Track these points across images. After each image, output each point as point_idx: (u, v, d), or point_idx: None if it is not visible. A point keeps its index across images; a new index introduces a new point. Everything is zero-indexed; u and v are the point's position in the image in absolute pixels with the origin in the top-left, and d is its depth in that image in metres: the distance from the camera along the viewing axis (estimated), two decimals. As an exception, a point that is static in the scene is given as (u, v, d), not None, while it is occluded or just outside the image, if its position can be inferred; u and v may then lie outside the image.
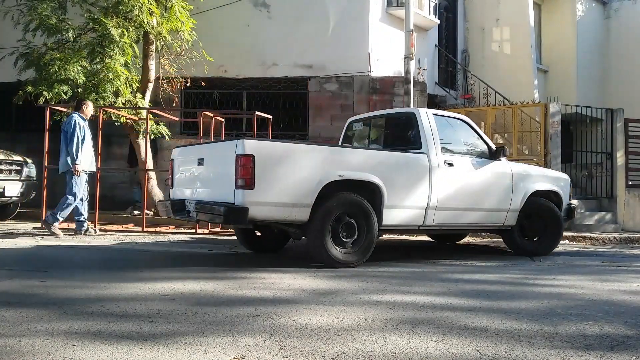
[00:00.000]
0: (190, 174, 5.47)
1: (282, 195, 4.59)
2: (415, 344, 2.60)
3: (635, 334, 2.90)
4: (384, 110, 7.78)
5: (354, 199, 4.90)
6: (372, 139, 6.64)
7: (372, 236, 4.98)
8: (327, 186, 4.72)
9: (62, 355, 2.32)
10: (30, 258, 5.07)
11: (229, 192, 4.51)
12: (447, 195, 5.46)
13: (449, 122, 5.95)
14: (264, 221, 4.75)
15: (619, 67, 14.82)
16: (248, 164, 4.40)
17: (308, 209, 4.66)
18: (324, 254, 4.78)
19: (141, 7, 7.64)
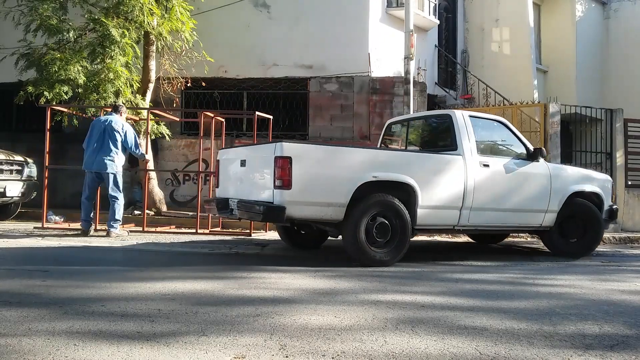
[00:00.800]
0: (233, 174, 5.77)
1: (318, 195, 4.79)
2: (415, 343, 2.61)
3: (634, 333, 2.91)
4: (421, 112, 8.04)
5: (387, 200, 5.03)
6: (410, 141, 6.73)
7: (405, 236, 5.10)
8: (361, 187, 4.87)
9: (63, 354, 2.33)
10: (30, 258, 5.08)
11: (268, 192, 4.78)
12: (483, 196, 5.51)
13: (485, 124, 6.02)
14: (301, 220, 5.00)
15: (618, 68, 14.83)
16: (285, 165, 4.61)
17: (343, 208, 4.84)
18: (358, 252, 4.95)
19: (142, 8, 7.65)
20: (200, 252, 5.83)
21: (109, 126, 6.68)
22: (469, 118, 5.74)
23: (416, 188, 5.12)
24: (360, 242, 4.91)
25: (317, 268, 4.84)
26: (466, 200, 5.43)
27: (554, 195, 5.97)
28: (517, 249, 7.21)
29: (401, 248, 5.12)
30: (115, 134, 6.68)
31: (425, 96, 10.34)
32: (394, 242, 5.08)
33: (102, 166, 6.65)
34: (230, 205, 5.42)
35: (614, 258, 6.57)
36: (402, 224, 5.07)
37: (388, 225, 5.04)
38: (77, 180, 9.96)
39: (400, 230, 5.07)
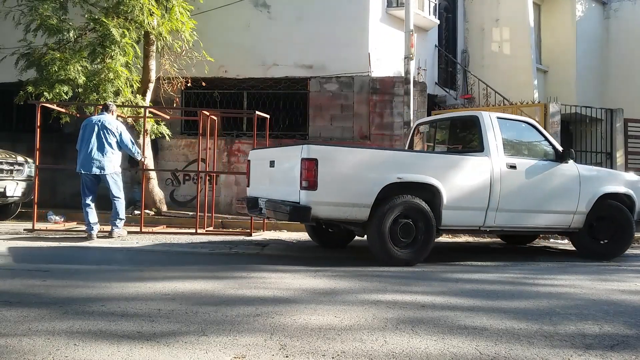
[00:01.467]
0: (263, 174, 5.92)
1: (343, 196, 4.92)
2: (415, 343, 2.61)
3: (634, 333, 2.91)
4: (449, 113, 8.11)
5: (412, 201, 5.09)
6: (438, 141, 6.76)
7: (429, 236, 5.17)
8: (386, 188, 4.96)
9: (63, 354, 2.33)
10: (31, 257, 5.08)
11: (295, 192, 4.90)
12: (509, 197, 5.51)
13: (513, 125, 6.04)
14: (326, 219, 5.15)
15: (618, 68, 14.83)
16: (312, 167, 4.76)
17: (367, 209, 4.95)
18: (383, 252, 5.04)
19: (142, 8, 7.64)
20: (200, 252, 5.83)
21: (103, 126, 6.53)
22: (496, 119, 5.75)
23: (441, 189, 5.18)
24: (385, 242, 5.00)
25: (317, 268, 4.85)
26: (492, 201, 5.45)
27: (583, 196, 5.93)
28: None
29: (425, 248, 5.19)
30: (109, 134, 6.53)
31: (426, 96, 10.33)
32: (418, 243, 5.16)
33: (101, 168, 6.50)
34: (259, 204, 5.63)
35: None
36: (427, 225, 5.14)
37: (412, 226, 5.12)
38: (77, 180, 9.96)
39: (425, 230, 5.15)
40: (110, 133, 6.53)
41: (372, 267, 5.02)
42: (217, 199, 10.08)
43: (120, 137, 6.61)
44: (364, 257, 5.98)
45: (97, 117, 6.63)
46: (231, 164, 10.17)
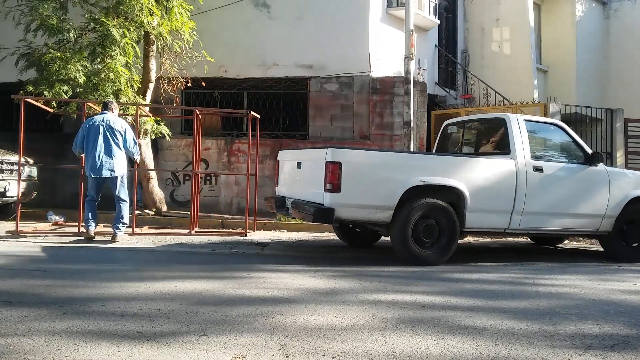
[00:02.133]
0: (290, 174, 6.10)
1: (366, 198, 5.03)
2: (415, 343, 2.61)
3: (634, 333, 2.91)
4: (477, 115, 8.11)
5: (435, 203, 5.18)
6: (466, 143, 6.79)
7: (453, 238, 5.23)
8: (409, 190, 5.06)
9: (63, 354, 2.33)
10: (31, 257, 5.08)
11: (319, 194, 5.04)
12: (535, 200, 5.52)
13: (541, 127, 6.06)
14: (349, 221, 5.33)
15: (618, 67, 14.83)
16: (336, 170, 4.89)
17: (390, 211, 5.06)
18: (406, 252, 5.14)
19: (142, 8, 7.64)
20: (200, 252, 5.83)
21: (108, 126, 6.33)
22: (524, 121, 5.76)
23: (464, 191, 5.22)
24: (408, 243, 5.09)
25: (317, 268, 4.85)
26: (517, 204, 5.46)
27: (612, 200, 5.90)
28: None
29: (448, 249, 5.24)
30: (117, 134, 6.36)
31: (426, 96, 10.33)
32: (441, 243, 5.23)
33: (112, 171, 6.35)
34: (286, 204, 5.77)
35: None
36: (450, 226, 5.21)
37: (435, 227, 5.20)
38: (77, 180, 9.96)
39: (448, 232, 5.21)
40: (117, 132, 6.38)
41: (372, 267, 5.03)
42: (217, 199, 10.09)
43: (125, 136, 6.45)
44: (364, 257, 5.98)
45: (100, 117, 6.42)
46: (231, 164, 10.16)
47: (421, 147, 9.93)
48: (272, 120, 10.56)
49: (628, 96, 13.99)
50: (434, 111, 11.45)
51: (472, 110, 11.33)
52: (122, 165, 6.44)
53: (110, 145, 6.33)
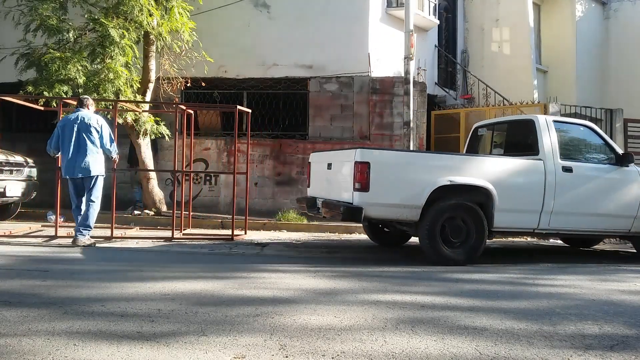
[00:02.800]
0: (321, 175, 6.21)
1: (394, 197, 5.14)
2: (415, 343, 2.61)
3: (634, 333, 2.91)
4: (506, 117, 8.25)
5: (462, 203, 5.27)
6: (495, 144, 6.87)
7: (481, 237, 5.27)
8: (437, 190, 5.14)
9: (62, 354, 2.33)
10: (31, 258, 5.07)
11: (348, 193, 5.17)
12: (564, 201, 5.55)
13: (570, 128, 6.08)
14: (377, 219, 5.50)
15: (618, 67, 14.84)
16: (364, 170, 5.01)
17: (418, 210, 5.15)
18: (433, 251, 5.23)
19: (141, 8, 7.64)
20: (200, 252, 5.83)
21: (83, 124, 5.98)
22: (552, 122, 5.79)
23: (492, 192, 5.27)
24: (435, 243, 5.18)
25: (317, 268, 4.85)
26: (546, 205, 5.49)
27: None
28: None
29: (476, 249, 5.31)
30: (92, 131, 5.98)
31: (425, 96, 10.33)
32: (469, 243, 5.30)
33: (86, 170, 5.99)
34: (317, 204, 5.88)
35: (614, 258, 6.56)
36: (478, 226, 5.27)
37: (464, 227, 5.28)
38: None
39: (476, 232, 5.27)
40: (93, 129, 6.00)
41: (372, 267, 5.03)
42: (217, 199, 10.10)
43: (101, 133, 6.07)
44: (365, 257, 5.98)
45: (75, 115, 6.07)
46: (231, 164, 10.16)
47: (421, 147, 9.93)
48: (272, 120, 10.56)
49: (628, 96, 14.00)
50: (434, 111, 11.46)
51: (472, 111, 11.35)
52: (98, 165, 6.09)
53: (85, 144, 5.98)
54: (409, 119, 9.00)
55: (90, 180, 6.07)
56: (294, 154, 10.15)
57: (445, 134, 11.18)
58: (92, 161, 6.01)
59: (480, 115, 10.98)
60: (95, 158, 6.06)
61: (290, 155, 10.16)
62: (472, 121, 11.09)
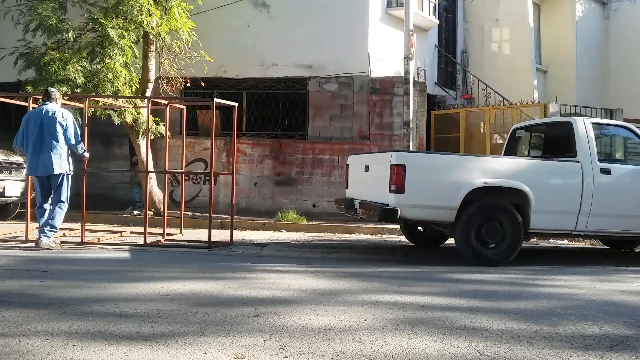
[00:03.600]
0: (358, 177, 6.31)
1: (429, 198, 5.25)
2: (415, 343, 2.61)
3: (634, 333, 2.91)
4: (544, 119, 8.30)
5: (498, 204, 5.36)
6: (533, 146, 6.90)
7: (517, 238, 5.34)
8: (472, 192, 5.22)
9: (62, 355, 2.32)
10: (30, 258, 5.07)
11: (385, 195, 5.27)
12: (602, 202, 5.53)
13: (609, 130, 6.12)
14: (413, 220, 5.59)
15: (618, 67, 14.84)
16: (400, 172, 5.13)
17: (454, 211, 5.22)
18: (469, 252, 5.29)
19: (141, 8, 7.63)
20: (200, 252, 5.82)
21: (47, 117, 5.58)
22: (590, 124, 5.79)
23: (529, 193, 5.31)
24: (471, 243, 5.25)
25: (316, 268, 4.84)
26: (584, 206, 5.50)
27: None
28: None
29: (513, 250, 5.34)
30: (57, 126, 5.58)
31: (425, 96, 10.33)
32: (505, 244, 5.33)
33: (49, 168, 5.57)
34: (354, 205, 5.98)
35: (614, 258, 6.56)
36: (514, 227, 5.32)
37: (499, 228, 5.33)
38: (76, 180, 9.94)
39: (512, 233, 5.31)
40: (58, 124, 5.59)
41: (372, 268, 5.03)
42: (216, 199, 10.08)
43: (65, 128, 5.66)
44: (365, 257, 5.98)
45: (40, 108, 5.71)
46: (230, 164, 10.15)
47: (420, 147, 9.92)
48: (272, 120, 10.56)
49: (628, 96, 13.99)
50: (434, 111, 11.45)
51: (472, 111, 11.34)
52: (63, 163, 5.67)
53: (48, 139, 5.58)
54: (409, 119, 9.00)
55: (55, 179, 5.68)
56: (294, 154, 10.15)
57: (445, 134, 11.18)
58: (55, 158, 5.59)
59: (480, 116, 10.98)
60: (59, 155, 5.62)
61: (290, 155, 10.16)
62: (472, 121, 11.11)
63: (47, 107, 5.69)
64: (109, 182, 10.52)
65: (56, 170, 5.61)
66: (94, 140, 10.41)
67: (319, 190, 10.06)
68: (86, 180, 6.47)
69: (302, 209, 9.54)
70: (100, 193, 10.28)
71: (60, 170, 5.65)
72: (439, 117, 11.39)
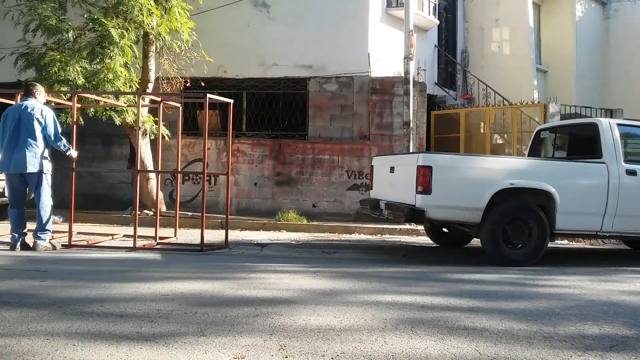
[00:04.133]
0: (384, 178, 6.37)
1: (456, 199, 5.31)
2: (415, 344, 2.61)
3: (634, 333, 2.91)
4: (569, 120, 8.31)
5: (524, 205, 5.42)
6: (557, 147, 6.94)
7: (543, 239, 5.38)
8: (498, 193, 5.28)
9: (62, 355, 2.32)
10: (30, 258, 5.07)
11: (411, 196, 5.35)
12: (628, 203, 5.56)
13: (635, 132, 6.09)
14: (439, 221, 5.61)
15: (618, 67, 14.83)
16: (426, 173, 5.21)
17: (480, 212, 5.29)
18: (495, 252, 5.36)
19: (141, 8, 7.63)
20: (200, 252, 5.82)
21: (25, 113, 5.33)
22: (616, 126, 5.80)
23: (554, 194, 5.35)
24: (497, 244, 5.32)
25: (316, 268, 4.84)
26: (609, 207, 5.53)
27: None
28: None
29: (538, 250, 5.40)
30: (34, 123, 5.32)
31: (425, 96, 10.33)
32: (531, 245, 5.39)
33: (22, 166, 5.30)
34: (380, 206, 6.05)
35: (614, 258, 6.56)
36: (540, 228, 5.37)
37: (525, 229, 5.39)
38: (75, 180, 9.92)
39: (538, 233, 5.38)
40: (35, 121, 5.34)
41: (372, 268, 5.03)
42: (216, 199, 10.08)
43: (44, 125, 5.40)
44: (364, 257, 5.97)
45: (20, 104, 5.49)
46: (231, 164, 10.15)
47: (420, 147, 9.92)
48: (272, 120, 10.56)
49: (628, 96, 13.99)
50: (434, 111, 11.45)
51: (472, 111, 11.34)
52: (40, 160, 5.39)
53: (24, 136, 5.33)
54: (409, 119, 9.00)
55: (32, 178, 5.40)
56: (294, 154, 10.15)
57: (445, 134, 11.18)
58: (29, 156, 5.31)
59: (480, 116, 10.98)
60: (33, 153, 5.34)
61: (290, 156, 10.16)
62: (472, 121, 11.10)
63: (27, 103, 5.44)
64: (110, 182, 10.52)
65: (29, 168, 5.32)
66: (95, 140, 10.44)
67: (319, 190, 10.06)
68: (85, 180, 6.46)
69: (302, 209, 9.54)
70: (101, 193, 10.29)
71: (34, 169, 5.35)
72: (439, 117, 11.38)
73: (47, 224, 5.51)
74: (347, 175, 10.02)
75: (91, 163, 10.35)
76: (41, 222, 5.48)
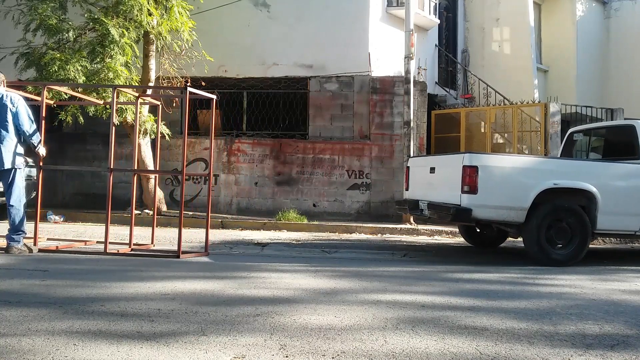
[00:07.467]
0: (422, 179, 6.40)
1: (501, 199, 5.38)
2: (415, 343, 2.60)
3: (635, 333, 2.90)
4: (603, 122, 8.51)
5: (567, 205, 5.49)
6: (592, 149, 7.03)
7: (585, 239, 5.48)
8: (542, 193, 5.34)
9: (62, 354, 2.32)
10: (30, 257, 5.06)
11: (456, 196, 5.38)
12: None
13: None
14: (484, 220, 5.63)
15: (618, 67, 14.82)
16: (473, 173, 5.27)
17: (524, 212, 5.36)
18: (538, 252, 5.44)
19: (141, 8, 7.64)
20: (199, 252, 5.81)
21: None
22: None
23: (596, 195, 5.42)
24: (541, 244, 5.39)
25: (317, 268, 4.84)
26: None
27: None
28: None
29: (580, 250, 5.47)
30: (7, 113, 4.85)
31: (426, 96, 10.33)
32: (573, 245, 5.47)
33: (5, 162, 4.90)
34: (420, 206, 6.11)
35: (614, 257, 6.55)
36: (582, 228, 5.46)
37: (567, 229, 5.46)
38: (76, 180, 9.94)
39: (580, 233, 5.46)
40: (8, 111, 4.86)
41: (372, 267, 5.02)
42: (217, 199, 10.09)
43: (16, 114, 4.91)
44: (364, 257, 5.97)
45: None
46: (231, 163, 10.16)
47: (421, 147, 9.92)
48: (272, 120, 10.56)
49: (628, 96, 13.98)
50: (434, 111, 11.44)
51: (472, 110, 11.33)
52: (12, 156, 4.95)
53: None
54: (409, 119, 9.00)
55: (6, 175, 4.99)
56: (294, 153, 10.15)
57: (445, 133, 11.17)
58: (4, 151, 4.87)
59: (481, 115, 10.98)
60: (8, 147, 4.90)
61: (290, 155, 10.16)
62: (472, 121, 11.10)
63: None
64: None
65: (6, 164, 4.89)
66: (94, 140, 10.42)
67: (319, 190, 10.06)
68: (86, 180, 6.44)
69: (302, 208, 9.55)
70: (101, 193, 10.27)
71: (10, 165, 4.93)
72: (439, 116, 11.38)
73: (21, 224, 5.10)
74: (348, 174, 10.02)
75: (91, 162, 10.34)
76: (14, 223, 5.07)
